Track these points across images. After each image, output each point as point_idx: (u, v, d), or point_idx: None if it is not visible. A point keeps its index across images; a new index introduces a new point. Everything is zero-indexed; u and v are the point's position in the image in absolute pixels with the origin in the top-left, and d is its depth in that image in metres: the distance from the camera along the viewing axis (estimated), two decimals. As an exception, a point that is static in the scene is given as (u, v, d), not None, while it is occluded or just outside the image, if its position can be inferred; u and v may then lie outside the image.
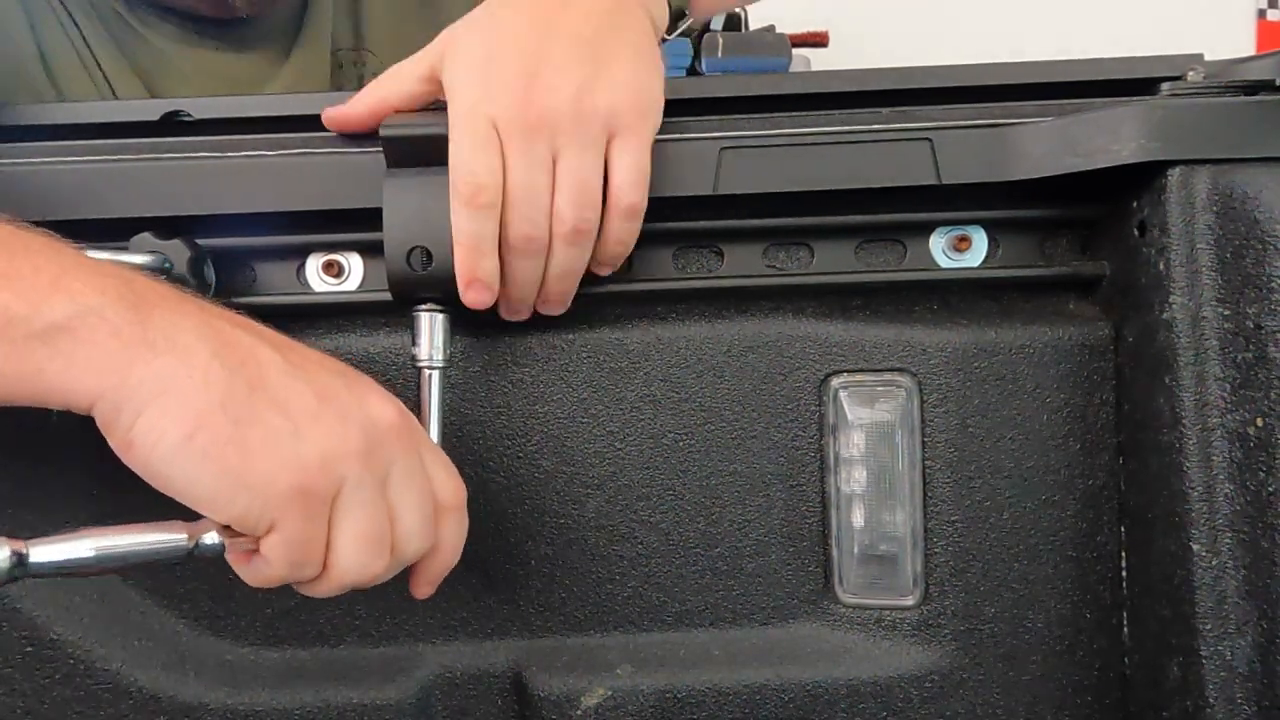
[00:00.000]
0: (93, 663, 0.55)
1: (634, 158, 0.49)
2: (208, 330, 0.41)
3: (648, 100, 0.50)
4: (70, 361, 0.39)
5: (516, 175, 0.48)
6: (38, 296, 0.39)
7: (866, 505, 0.56)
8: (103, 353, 0.39)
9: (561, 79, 0.48)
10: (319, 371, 0.44)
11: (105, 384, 0.39)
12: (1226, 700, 0.49)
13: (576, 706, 0.56)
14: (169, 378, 0.40)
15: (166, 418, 0.39)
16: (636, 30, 0.52)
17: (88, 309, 0.39)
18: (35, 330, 0.39)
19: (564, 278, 0.51)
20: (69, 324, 0.39)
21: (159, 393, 0.39)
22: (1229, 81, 0.51)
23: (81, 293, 0.39)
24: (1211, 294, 0.49)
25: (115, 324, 0.39)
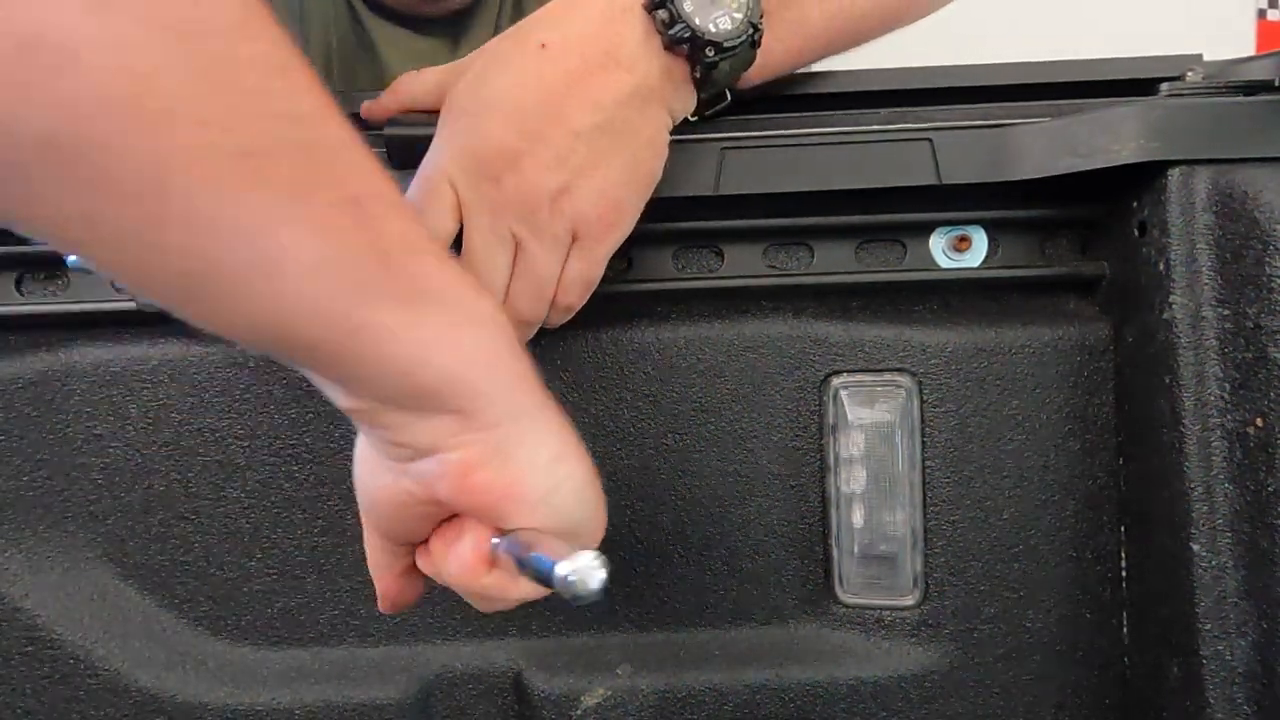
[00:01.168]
0: (93, 663, 0.55)
1: (586, 266, 0.48)
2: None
3: (620, 215, 0.48)
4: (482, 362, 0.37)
5: (472, 246, 0.47)
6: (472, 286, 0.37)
7: (866, 505, 0.56)
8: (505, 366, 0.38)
9: (541, 176, 0.45)
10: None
11: (504, 406, 0.37)
12: (1226, 700, 0.49)
13: (576, 706, 0.56)
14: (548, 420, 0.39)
15: (566, 460, 0.39)
16: (642, 131, 0.48)
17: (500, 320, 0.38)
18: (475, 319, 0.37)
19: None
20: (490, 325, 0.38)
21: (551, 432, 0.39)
22: (1229, 81, 0.51)
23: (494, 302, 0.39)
24: (1211, 294, 0.49)
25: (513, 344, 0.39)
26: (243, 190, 0.30)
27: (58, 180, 0.27)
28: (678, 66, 0.48)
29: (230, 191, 0.29)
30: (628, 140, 0.47)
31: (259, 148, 0.30)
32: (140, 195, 0.28)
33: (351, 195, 0.32)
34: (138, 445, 0.55)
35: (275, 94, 0.30)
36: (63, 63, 0.26)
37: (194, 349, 0.55)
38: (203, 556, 0.56)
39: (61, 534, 0.55)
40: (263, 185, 0.30)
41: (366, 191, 0.33)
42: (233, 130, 0.29)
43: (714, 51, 0.47)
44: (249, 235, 0.30)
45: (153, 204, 0.29)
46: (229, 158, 0.29)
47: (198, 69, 0.28)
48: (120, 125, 0.27)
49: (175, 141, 0.28)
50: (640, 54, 0.47)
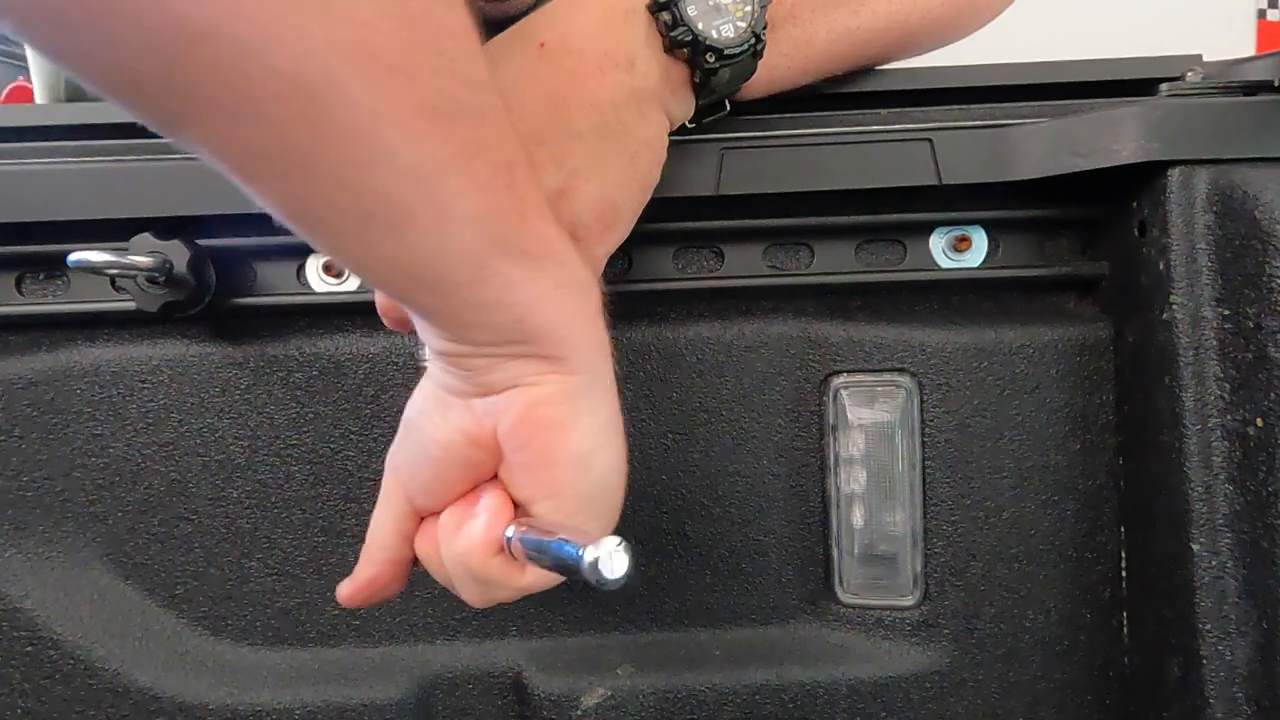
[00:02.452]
0: (93, 663, 0.55)
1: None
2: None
3: (617, 217, 0.48)
4: (580, 320, 0.40)
5: None
6: (577, 252, 0.40)
7: (866, 505, 0.56)
8: (598, 328, 0.41)
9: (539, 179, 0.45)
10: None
11: (592, 360, 0.40)
12: (1226, 700, 0.49)
13: (576, 706, 0.56)
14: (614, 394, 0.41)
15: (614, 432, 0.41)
16: (640, 134, 0.47)
17: (595, 287, 0.40)
18: (580, 282, 0.39)
19: None
20: (591, 290, 0.40)
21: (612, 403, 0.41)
22: (1229, 82, 0.51)
23: (591, 270, 0.41)
24: (1211, 294, 0.49)
25: (601, 311, 0.41)
26: (433, 143, 0.33)
27: (285, 117, 0.30)
28: (677, 71, 0.48)
29: (424, 143, 0.32)
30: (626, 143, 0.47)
31: (448, 107, 0.33)
32: (354, 139, 0.31)
33: (506, 159, 0.36)
34: (138, 445, 0.55)
35: (464, 60, 0.33)
36: (330, 11, 0.29)
37: (194, 349, 0.55)
38: (203, 556, 0.56)
39: (61, 534, 0.55)
40: (446, 141, 0.33)
41: (516, 158, 0.36)
42: (431, 89, 0.32)
43: (715, 58, 0.47)
44: (429, 184, 0.33)
45: (360, 149, 0.31)
46: (426, 112, 0.32)
47: (410, 29, 0.31)
48: (351, 73, 0.30)
49: (389, 93, 0.31)
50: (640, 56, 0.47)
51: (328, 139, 0.31)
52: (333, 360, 0.55)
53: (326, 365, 0.55)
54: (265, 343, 0.56)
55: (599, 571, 0.36)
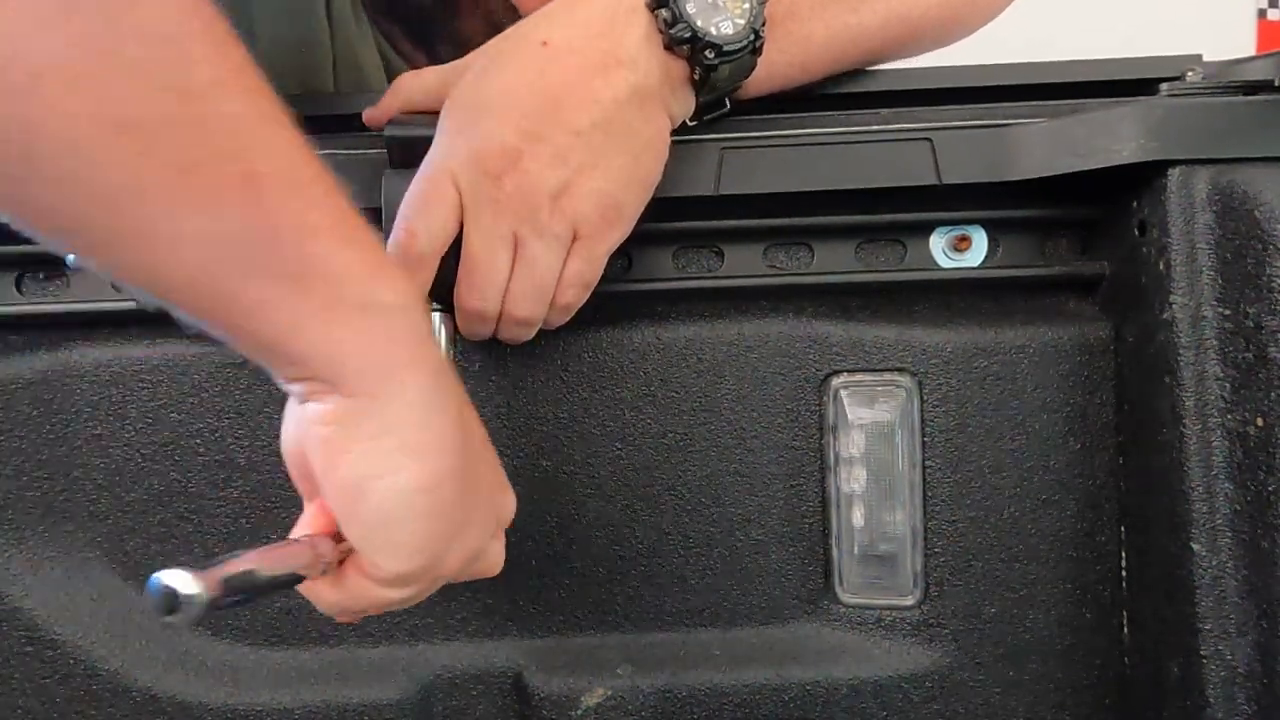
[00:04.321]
0: (93, 663, 0.55)
1: (586, 264, 0.49)
2: (455, 386, 0.40)
3: (620, 214, 0.48)
4: (364, 346, 0.37)
5: (473, 247, 0.47)
6: (379, 270, 0.37)
7: (866, 505, 0.56)
8: (395, 359, 0.37)
9: (542, 174, 0.46)
10: (490, 456, 0.44)
11: (378, 388, 0.37)
12: (1226, 700, 0.49)
13: (576, 706, 0.56)
14: (430, 422, 0.38)
15: (411, 459, 0.38)
16: (642, 130, 0.48)
17: (408, 308, 0.37)
18: (363, 299, 0.36)
19: (509, 341, 0.51)
20: (389, 311, 0.37)
21: (414, 430, 0.38)
22: (1228, 81, 0.51)
23: (407, 291, 0.38)
24: (1211, 294, 0.49)
25: (417, 341, 0.38)
26: (116, 160, 0.30)
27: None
28: (677, 67, 0.48)
29: (102, 159, 0.30)
30: (628, 140, 0.47)
31: (137, 119, 0.30)
32: (6, 155, 0.29)
33: (245, 172, 0.33)
34: (138, 445, 0.55)
35: (160, 66, 0.30)
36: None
37: (194, 349, 0.55)
38: (203, 556, 0.56)
39: (61, 534, 0.55)
40: (140, 156, 0.30)
41: (266, 169, 0.33)
42: (107, 100, 0.29)
43: (714, 54, 0.47)
44: (118, 203, 0.31)
45: (18, 165, 0.29)
46: (102, 126, 0.29)
47: (72, 36, 0.28)
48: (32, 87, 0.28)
49: (41, 106, 0.28)
50: (641, 53, 0.47)
51: (25, 161, 0.29)
52: (333, 360, 0.55)
53: (326, 365, 0.55)
54: (265, 343, 0.56)
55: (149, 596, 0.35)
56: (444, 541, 0.40)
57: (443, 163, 0.47)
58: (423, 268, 0.47)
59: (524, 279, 0.48)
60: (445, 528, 0.39)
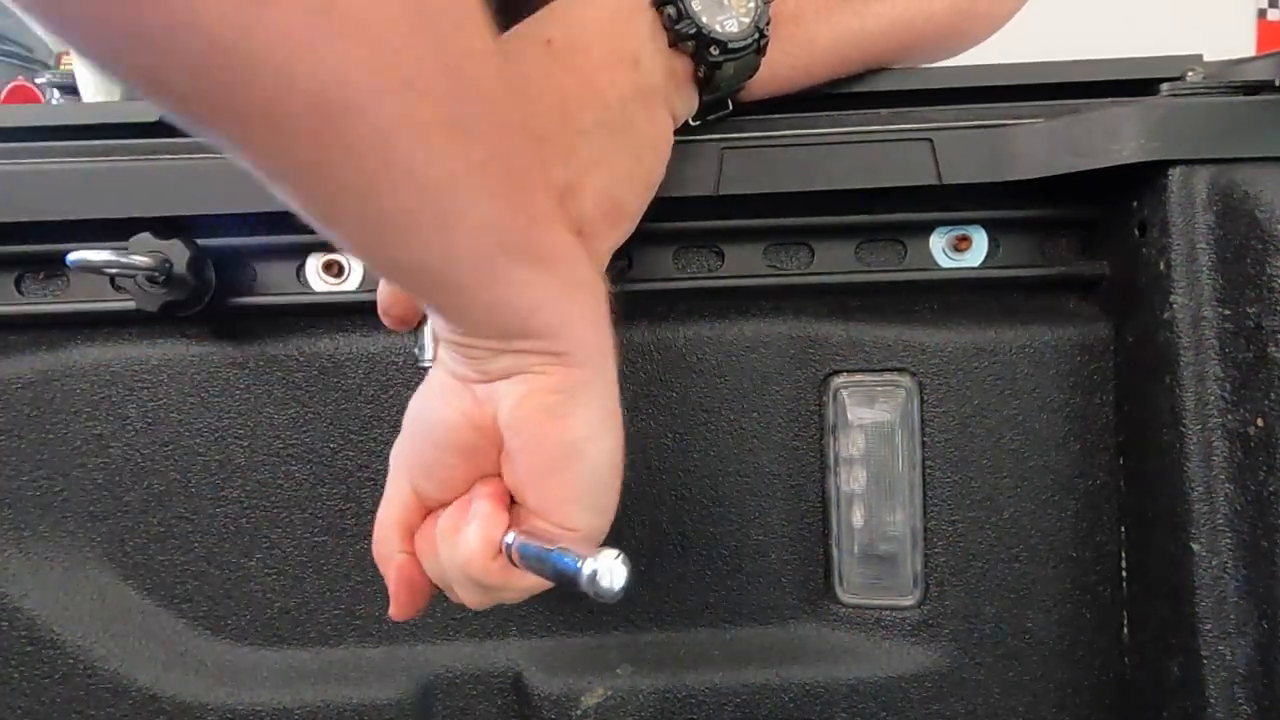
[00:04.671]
0: (93, 663, 0.55)
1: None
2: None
3: (623, 213, 0.48)
4: (587, 318, 0.41)
5: None
6: (583, 255, 0.40)
7: (866, 505, 0.56)
8: (602, 328, 0.41)
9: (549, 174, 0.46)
10: None
11: (594, 355, 0.41)
12: (1226, 700, 0.49)
13: (576, 706, 0.56)
14: (616, 392, 0.42)
15: (608, 427, 0.42)
16: (646, 130, 0.48)
17: (604, 289, 0.41)
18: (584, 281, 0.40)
19: None
20: (598, 292, 0.41)
21: (614, 399, 0.42)
22: (1229, 82, 0.51)
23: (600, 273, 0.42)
24: (1211, 294, 0.49)
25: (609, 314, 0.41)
26: (450, 159, 0.34)
27: (303, 132, 0.31)
28: (681, 65, 0.48)
29: (441, 158, 0.33)
30: (631, 139, 0.47)
31: (466, 124, 0.34)
32: (368, 154, 0.32)
33: (519, 169, 0.36)
34: (138, 445, 0.55)
35: (484, 78, 0.34)
36: (350, 30, 0.29)
37: (194, 349, 0.55)
38: (203, 556, 0.56)
39: (61, 534, 0.55)
40: (462, 156, 0.34)
41: (528, 166, 0.37)
42: (449, 105, 0.33)
43: (719, 51, 0.47)
44: (445, 196, 0.34)
45: (377, 165, 0.32)
46: (444, 129, 0.33)
47: (432, 49, 0.32)
48: (369, 92, 0.31)
49: (406, 110, 0.32)
50: (646, 52, 0.47)
51: (345, 154, 0.32)
52: (332, 360, 0.55)
53: (326, 365, 0.55)
54: (265, 343, 0.56)
55: (597, 584, 0.36)
56: (615, 489, 0.43)
57: None
58: None
59: None
60: (618, 481, 0.43)
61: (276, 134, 0.31)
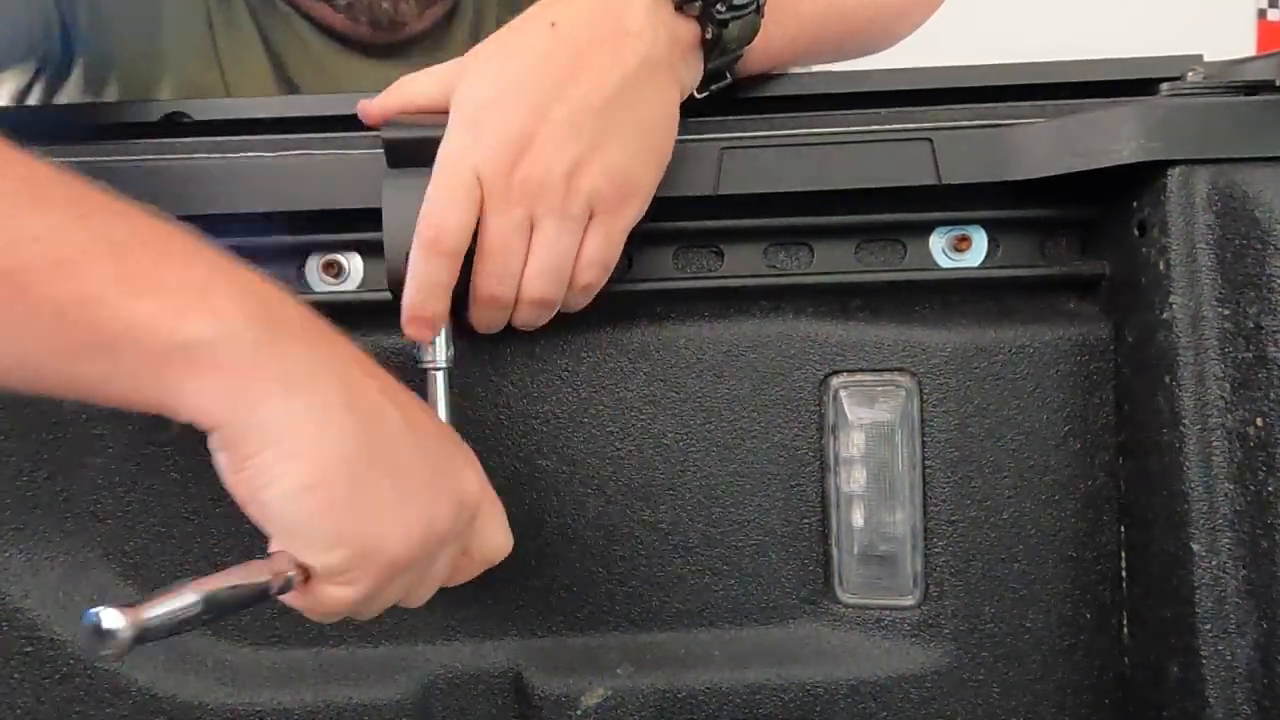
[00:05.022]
0: (93, 663, 0.55)
1: (605, 241, 0.49)
2: (341, 373, 0.40)
3: (636, 188, 0.49)
4: (203, 383, 0.37)
5: (493, 235, 0.47)
6: (182, 308, 0.37)
7: (866, 505, 0.56)
8: (237, 381, 0.38)
9: (555, 153, 0.46)
10: (428, 436, 0.44)
11: (235, 412, 0.38)
12: (1226, 700, 0.49)
13: (576, 706, 0.56)
14: (301, 420, 0.38)
15: (289, 462, 0.38)
16: (653, 102, 0.49)
17: (229, 332, 0.37)
18: (175, 344, 0.37)
19: (526, 326, 0.51)
20: (209, 344, 0.37)
21: (287, 434, 0.38)
22: (1229, 82, 0.51)
23: (225, 311, 0.38)
24: (1211, 294, 0.49)
25: (253, 353, 0.38)
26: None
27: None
28: (686, 31, 0.49)
29: None
30: (638, 112, 0.48)
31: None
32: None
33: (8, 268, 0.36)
34: (138, 445, 0.55)
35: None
36: None
37: (194, 349, 0.55)
38: (202, 557, 0.56)
39: (61, 534, 0.55)
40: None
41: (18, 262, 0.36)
42: None
43: (725, 8, 0.48)
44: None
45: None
46: None
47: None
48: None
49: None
50: (649, 22, 0.48)
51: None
52: (333, 360, 0.55)
53: (326, 365, 0.55)
54: (265, 343, 0.56)
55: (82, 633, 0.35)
56: (362, 527, 0.40)
57: (459, 157, 0.47)
58: (454, 264, 0.47)
59: (541, 259, 0.48)
60: (355, 515, 0.40)
61: None
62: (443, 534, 0.43)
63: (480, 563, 0.48)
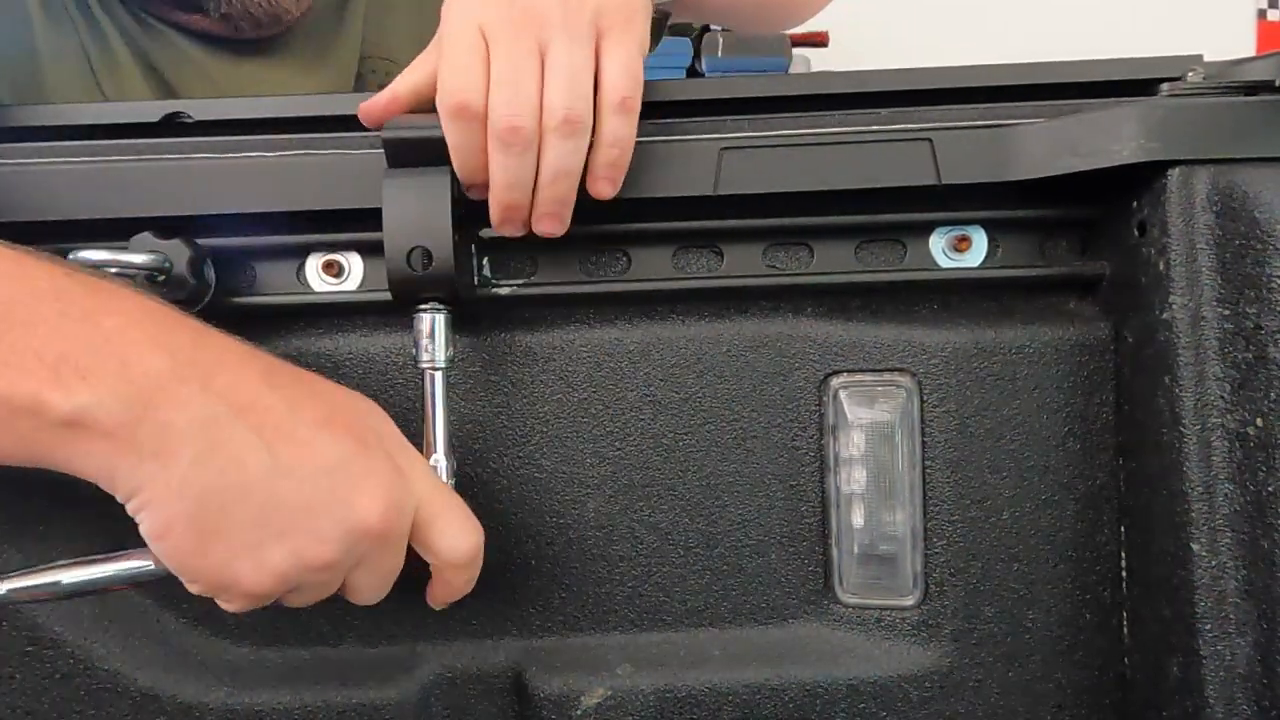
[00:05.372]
0: (93, 663, 0.55)
1: (625, 53, 0.49)
2: (200, 430, 0.42)
3: (634, 7, 0.50)
4: (72, 452, 0.41)
5: (499, 65, 0.48)
6: (39, 388, 0.40)
7: (866, 505, 0.56)
8: (97, 451, 0.41)
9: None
10: (311, 471, 0.43)
11: (101, 477, 0.42)
12: (1226, 700, 0.49)
13: (576, 706, 0.56)
14: (147, 482, 0.41)
15: (143, 513, 0.42)
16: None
17: (84, 408, 0.40)
18: (41, 423, 0.41)
19: (557, 179, 0.49)
20: (69, 420, 0.40)
21: (137, 492, 0.42)
22: (1229, 82, 0.51)
23: (78, 391, 0.40)
24: (1211, 294, 0.49)
25: (107, 425, 0.41)
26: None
27: None
28: None
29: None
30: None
31: None
32: None
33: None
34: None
35: None
36: None
37: (194, 349, 0.55)
38: (203, 556, 0.56)
39: (61, 534, 0.55)
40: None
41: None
42: None
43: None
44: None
45: None
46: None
47: None
48: None
49: None
50: None
51: None
52: (332, 360, 0.55)
53: (326, 365, 0.55)
54: (265, 343, 0.55)
55: None
56: (211, 570, 0.43)
57: (460, 18, 0.49)
58: (483, 121, 0.48)
59: (555, 76, 0.48)
60: (202, 561, 0.43)
61: None
62: (323, 563, 0.43)
63: (450, 565, 0.47)
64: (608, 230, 0.55)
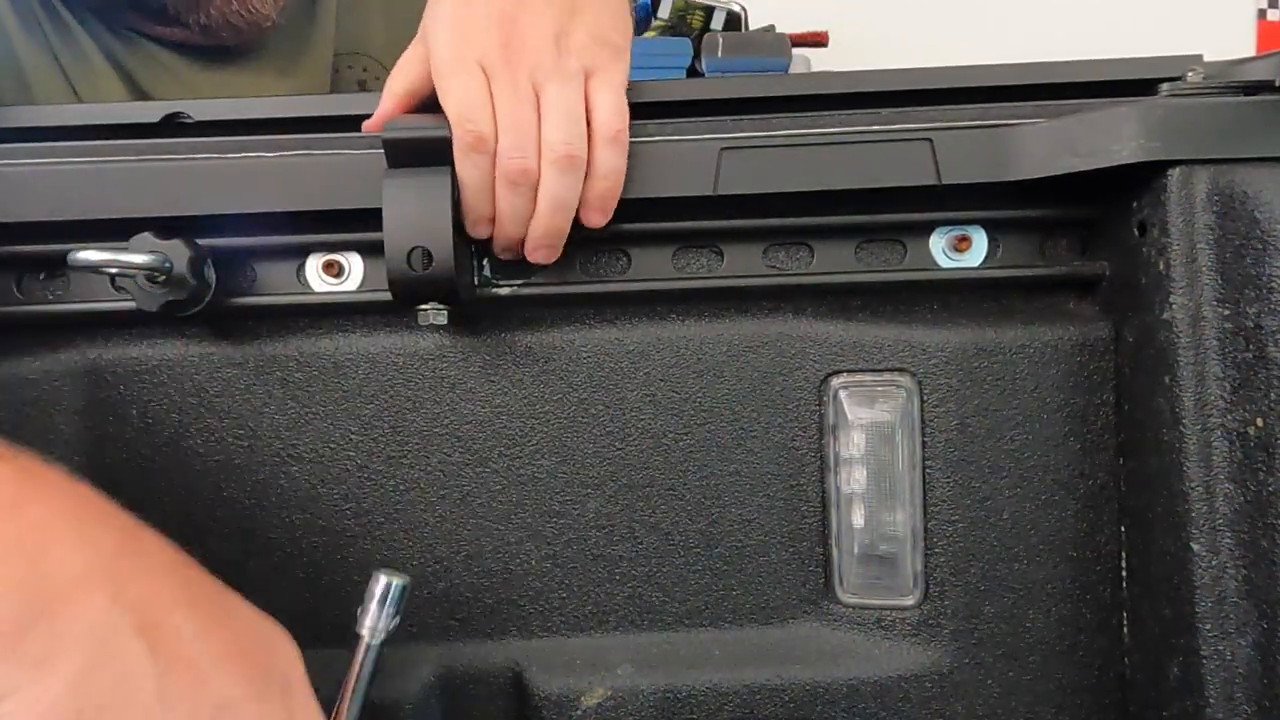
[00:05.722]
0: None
1: (612, 92, 0.51)
2: (93, 642, 0.39)
3: (618, 45, 0.52)
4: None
5: (504, 110, 0.50)
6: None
7: (866, 505, 0.56)
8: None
9: (538, 22, 0.50)
10: (198, 706, 0.41)
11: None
12: (1226, 700, 0.49)
13: (576, 706, 0.56)
14: (19, 690, 0.38)
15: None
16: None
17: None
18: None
19: (556, 212, 0.51)
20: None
21: (6, 698, 0.38)
22: (1229, 82, 0.51)
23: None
24: (1211, 294, 0.49)
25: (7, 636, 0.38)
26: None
27: None
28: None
29: None
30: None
31: None
32: None
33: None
34: (138, 445, 0.55)
35: None
36: None
37: (194, 349, 0.55)
38: (202, 556, 0.56)
39: (61, 534, 0.55)
40: None
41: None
42: None
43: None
44: None
45: None
46: None
47: None
48: None
49: None
50: None
51: None
52: (332, 360, 0.55)
53: (326, 365, 0.55)
54: (265, 343, 0.56)
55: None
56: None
57: (456, 54, 0.50)
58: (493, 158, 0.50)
59: (552, 113, 0.50)
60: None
61: None
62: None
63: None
64: (608, 230, 0.55)
